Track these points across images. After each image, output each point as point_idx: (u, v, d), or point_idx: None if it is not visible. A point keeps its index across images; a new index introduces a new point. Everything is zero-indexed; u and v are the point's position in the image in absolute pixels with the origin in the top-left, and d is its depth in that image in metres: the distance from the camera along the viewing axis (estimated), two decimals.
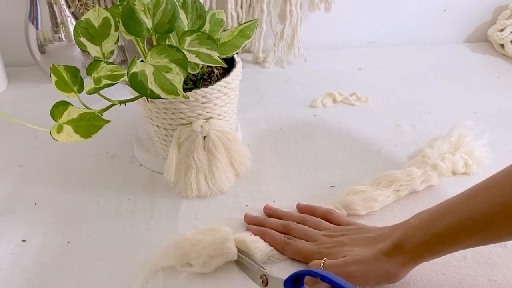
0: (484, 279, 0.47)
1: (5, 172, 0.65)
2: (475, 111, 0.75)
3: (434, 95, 0.81)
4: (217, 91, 0.55)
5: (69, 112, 0.49)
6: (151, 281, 0.47)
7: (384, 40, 1.01)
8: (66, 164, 0.66)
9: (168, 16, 0.48)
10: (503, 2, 0.97)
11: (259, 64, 0.94)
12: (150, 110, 0.56)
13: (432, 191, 0.58)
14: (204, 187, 0.58)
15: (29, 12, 0.80)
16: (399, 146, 0.67)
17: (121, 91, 0.68)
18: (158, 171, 0.63)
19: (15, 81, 0.89)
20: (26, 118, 0.74)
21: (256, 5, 0.86)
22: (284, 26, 0.88)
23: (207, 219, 0.55)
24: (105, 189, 0.61)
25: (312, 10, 0.87)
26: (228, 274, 0.48)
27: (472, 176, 0.60)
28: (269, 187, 0.60)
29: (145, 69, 0.46)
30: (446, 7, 0.97)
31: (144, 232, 0.54)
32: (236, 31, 0.56)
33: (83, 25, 0.52)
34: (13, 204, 0.59)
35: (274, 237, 0.50)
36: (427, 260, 0.42)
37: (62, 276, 0.49)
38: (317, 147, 0.68)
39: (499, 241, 0.41)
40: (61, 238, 0.53)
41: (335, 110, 0.77)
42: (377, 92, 0.82)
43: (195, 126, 0.55)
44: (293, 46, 0.90)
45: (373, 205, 0.54)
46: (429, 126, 0.72)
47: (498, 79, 0.86)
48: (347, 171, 0.62)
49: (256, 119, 0.75)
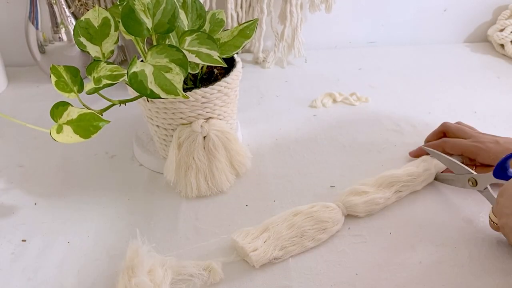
0: (484, 279, 0.47)
1: (5, 172, 0.65)
2: (475, 111, 0.75)
3: (434, 95, 0.81)
4: (217, 91, 0.55)
5: (69, 112, 0.49)
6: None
7: (384, 40, 1.01)
8: (66, 164, 0.66)
9: (168, 16, 0.48)
10: (503, 2, 0.97)
11: (259, 64, 0.94)
12: (150, 110, 0.56)
13: (432, 191, 0.58)
14: (204, 187, 0.58)
15: (29, 12, 0.80)
16: (399, 146, 0.67)
17: (121, 91, 0.68)
18: (158, 171, 0.63)
19: (15, 81, 0.89)
20: (26, 118, 0.74)
21: (256, 5, 0.86)
22: (285, 27, 0.88)
23: (207, 219, 0.55)
24: (105, 189, 0.61)
25: (313, 10, 0.87)
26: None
27: None
28: (269, 187, 0.60)
29: (145, 69, 0.46)
30: (446, 7, 0.97)
31: (144, 232, 0.54)
32: (236, 31, 0.56)
33: (83, 25, 0.52)
34: (13, 204, 0.59)
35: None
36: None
37: (62, 276, 0.49)
38: (317, 147, 0.68)
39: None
40: (61, 238, 0.53)
41: (335, 110, 0.77)
42: (377, 92, 0.82)
43: (195, 126, 0.55)
44: (294, 47, 0.90)
45: (374, 208, 0.54)
46: (429, 126, 0.71)
47: (498, 79, 0.86)
48: (347, 171, 0.62)
49: (256, 119, 0.75)
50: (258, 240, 0.49)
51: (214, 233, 0.53)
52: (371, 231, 0.53)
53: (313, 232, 0.51)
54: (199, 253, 0.51)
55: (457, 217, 0.54)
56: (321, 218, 0.52)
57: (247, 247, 0.48)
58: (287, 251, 0.50)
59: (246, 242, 0.49)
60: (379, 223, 0.54)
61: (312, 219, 0.52)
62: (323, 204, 0.54)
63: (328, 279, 0.47)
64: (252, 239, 0.50)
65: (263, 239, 0.50)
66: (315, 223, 0.51)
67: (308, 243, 0.50)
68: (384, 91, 0.82)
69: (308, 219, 0.52)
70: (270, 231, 0.51)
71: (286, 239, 0.50)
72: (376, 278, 0.47)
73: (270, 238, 0.50)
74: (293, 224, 0.51)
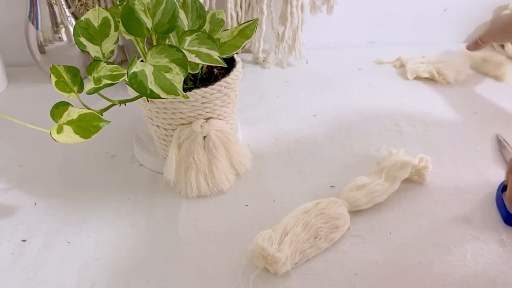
0: (484, 279, 0.47)
1: (5, 172, 0.65)
2: (475, 111, 0.75)
3: (434, 95, 0.81)
4: (217, 91, 0.55)
5: (69, 112, 0.49)
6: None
7: (384, 40, 1.01)
8: (66, 164, 0.66)
9: (168, 16, 0.48)
10: (503, 2, 0.97)
11: (259, 64, 0.94)
12: (150, 110, 0.56)
13: (432, 191, 0.58)
14: (204, 187, 0.58)
15: (29, 12, 0.80)
16: (399, 146, 0.67)
17: (121, 91, 0.68)
18: (158, 171, 0.63)
19: (15, 81, 0.89)
20: (26, 118, 0.74)
21: (255, 5, 0.86)
22: (285, 28, 0.88)
23: (207, 219, 0.55)
24: (105, 189, 0.61)
25: (314, 12, 0.87)
26: None
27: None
28: (269, 187, 0.60)
29: (145, 69, 0.46)
30: (446, 7, 0.97)
31: (144, 232, 0.54)
32: (236, 31, 0.56)
33: (83, 25, 0.52)
34: (13, 204, 0.59)
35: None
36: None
37: (62, 276, 0.49)
38: (317, 147, 0.68)
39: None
40: (61, 238, 0.53)
41: (335, 110, 0.77)
42: (377, 92, 0.82)
43: (195, 126, 0.55)
44: (294, 48, 0.90)
45: (374, 195, 0.55)
46: (429, 126, 0.72)
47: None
48: (347, 171, 0.62)
49: (256, 119, 0.75)
50: (284, 246, 0.48)
51: (214, 233, 0.53)
52: (371, 231, 0.53)
53: (326, 231, 0.51)
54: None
55: (457, 217, 0.54)
56: (331, 215, 0.51)
57: (278, 256, 0.47)
58: (304, 255, 0.49)
59: (276, 250, 0.47)
60: (379, 223, 0.54)
61: (323, 216, 0.51)
62: (328, 200, 0.54)
63: (328, 279, 0.47)
64: (279, 246, 0.48)
65: (287, 244, 0.48)
66: (327, 221, 0.51)
67: (322, 244, 0.50)
68: (384, 91, 0.82)
69: (319, 217, 0.51)
70: (290, 234, 0.49)
71: (303, 241, 0.49)
72: (376, 278, 0.47)
73: (292, 243, 0.49)
74: (306, 224, 0.51)
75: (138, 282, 0.48)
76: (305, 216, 0.52)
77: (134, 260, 0.50)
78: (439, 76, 0.84)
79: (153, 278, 0.48)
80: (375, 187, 0.56)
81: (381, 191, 0.56)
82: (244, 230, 0.53)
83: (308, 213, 0.52)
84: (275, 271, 0.47)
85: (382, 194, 0.55)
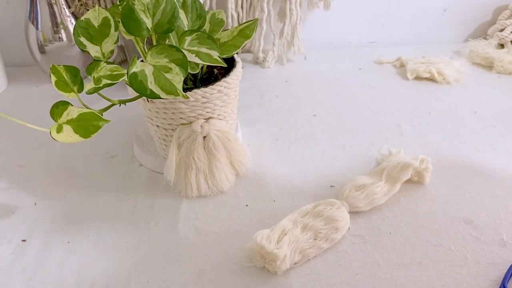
0: (484, 279, 0.47)
1: (5, 172, 0.65)
2: (475, 111, 0.75)
3: (433, 95, 0.81)
4: (217, 91, 0.55)
5: (69, 112, 0.49)
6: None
7: (384, 40, 1.01)
8: (66, 164, 0.66)
9: (168, 16, 0.48)
10: (503, 2, 0.97)
11: (259, 64, 0.94)
12: (150, 110, 0.56)
13: (432, 191, 0.58)
14: (204, 187, 0.58)
15: (29, 12, 0.80)
16: (399, 146, 0.67)
17: (121, 91, 0.68)
18: (158, 171, 0.63)
19: (15, 81, 0.89)
20: (26, 118, 0.74)
21: (257, 5, 0.86)
22: (284, 24, 0.88)
23: (207, 219, 0.55)
24: (105, 189, 0.61)
25: (311, 8, 0.87)
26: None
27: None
28: (269, 187, 0.60)
29: (145, 69, 0.46)
30: (446, 7, 0.97)
31: (144, 232, 0.54)
32: (236, 31, 0.56)
33: (83, 25, 0.52)
34: (13, 204, 0.59)
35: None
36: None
37: (62, 276, 0.49)
38: (317, 147, 0.68)
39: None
40: (61, 238, 0.53)
41: (335, 110, 0.77)
42: (377, 92, 0.82)
43: (195, 126, 0.55)
44: (293, 44, 0.90)
45: (374, 198, 0.55)
46: (429, 126, 0.72)
47: (499, 79, 0.86)
48: (347, 171, 0.62)
49: (256, 119, 0.75)
50: (282, 244, 0.48)
51: (214, 233, 0.53)
52: (371, 231, 0.53)
53: (326, 232, 0.51)
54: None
55: (457, 217, 0.54)
56: (331, 217, 0.51)
57: (277, 253, 0.47)
58: (304, 255, 0.49)
59: (275, 248, 0.47)
60: (379, 223, 0.54)
61: (322, 219, 0.51)
62: (327, 202, 0.53)
63: (328, 279, 0.47)
64: (277, 244, 0.48)
65: (286, 242, 0.48)
66: (326, 223, 0.51)
67: (323, 244, 0.50)
68: (384, 91, 0.82)
69: (318, 219, 0.51)
70: (288, 234, 0.49)
71: (303, 241, 0.49)
72: (376, 278, 0.47)
73: (291, 242, 0.49)
74: (305, 225, 0.51)
75: (138, 282, 0.48)
76: (303, 219, 0.52)
77: (134, 260, 0.50)
78: (439, 76, 0.84)
79: (153, 278, 0.48)
80: (375, 189, 0.55)
81: (381, 193, 0.55)
82: (244, 230, 0.53)
83: (306, 215, 0.52)
84: (275, 270, 0.47)
85: (382, 197, 0.55)
